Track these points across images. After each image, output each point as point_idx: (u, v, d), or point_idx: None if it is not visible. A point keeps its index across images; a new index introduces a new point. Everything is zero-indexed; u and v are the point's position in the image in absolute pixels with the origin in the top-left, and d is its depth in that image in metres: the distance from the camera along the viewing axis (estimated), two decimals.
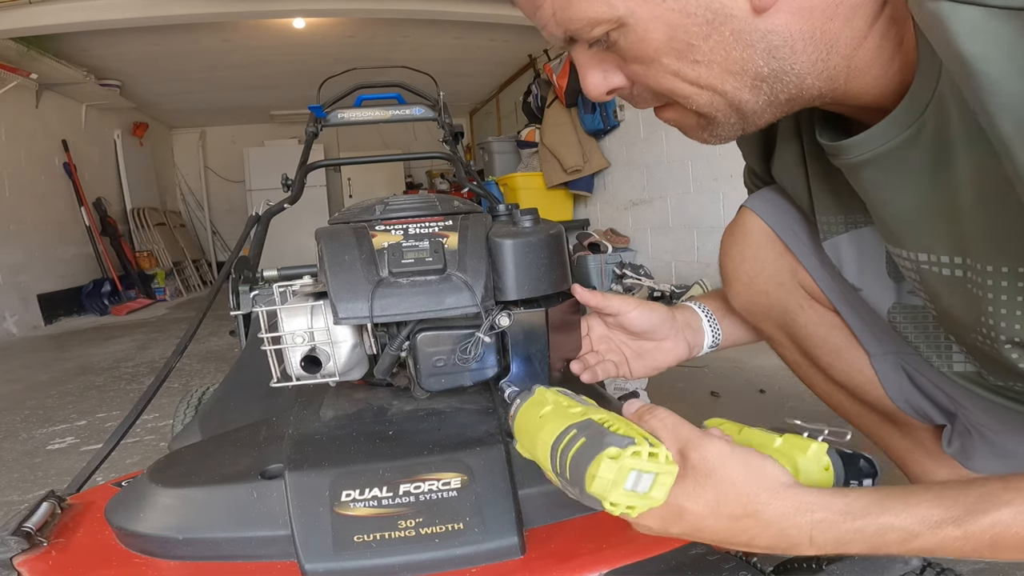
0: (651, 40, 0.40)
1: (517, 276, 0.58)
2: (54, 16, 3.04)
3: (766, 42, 0.40)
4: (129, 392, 1.91)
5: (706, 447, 0.39)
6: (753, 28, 0.39)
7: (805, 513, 0.37)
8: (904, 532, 0.36)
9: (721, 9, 0.39)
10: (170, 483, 0.52)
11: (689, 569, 0.44)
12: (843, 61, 0.41)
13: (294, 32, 3.95)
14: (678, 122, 0.48)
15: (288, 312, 0.59)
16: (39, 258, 3.87)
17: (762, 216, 0.65)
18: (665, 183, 3.21)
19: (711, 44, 0.40)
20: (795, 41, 0.40)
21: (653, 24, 0.40)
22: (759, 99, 0.43)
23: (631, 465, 0.36)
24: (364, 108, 1.59)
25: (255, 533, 0.49)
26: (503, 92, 5.62)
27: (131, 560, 0.51)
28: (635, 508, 0.37)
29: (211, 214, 6.63)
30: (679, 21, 0.39)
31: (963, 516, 0.35)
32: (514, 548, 0.47)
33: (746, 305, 0.69)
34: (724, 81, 0.42)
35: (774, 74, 0.42)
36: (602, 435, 0.37)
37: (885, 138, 0.43)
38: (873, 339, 0.64)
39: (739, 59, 0.41)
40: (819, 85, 0.43)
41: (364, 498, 0.49)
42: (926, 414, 0.64)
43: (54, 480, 1.19)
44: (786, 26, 0.40)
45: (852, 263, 0.57)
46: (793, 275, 0.65)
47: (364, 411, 0.64)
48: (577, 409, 0.41)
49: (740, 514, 0.37)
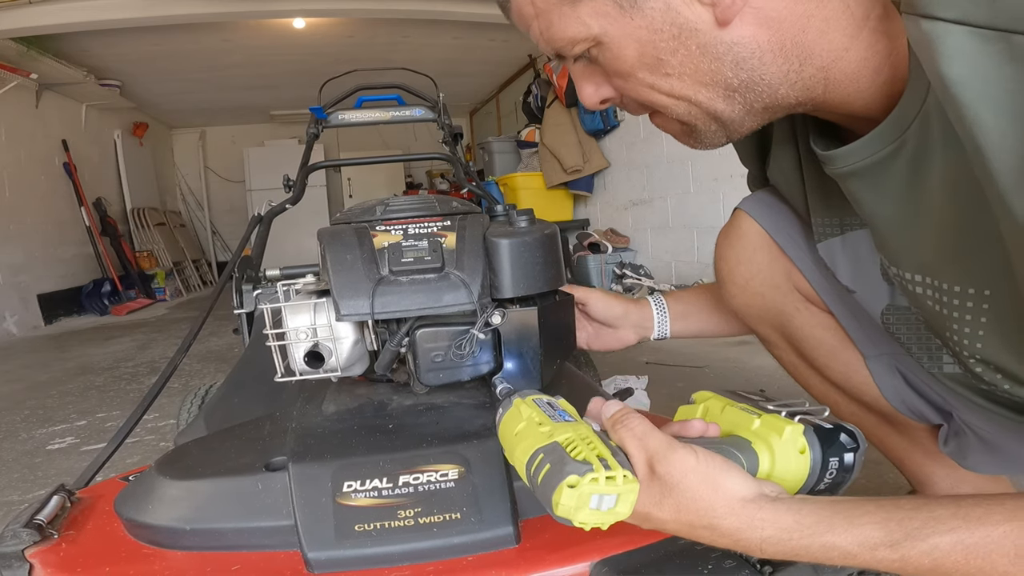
0: (625, 57, 0.43)
1: (512, 274, 0.59)
2: (54, 16, 3.05)
3: (732, 54, 0.41)
4: (129, 392, 1.92)
5: (671, 461, 0.40)
6: (719, 40, 0.41)
7: (756, 530, 0.38)
8: (844, 552, 0.36)
9: (686, 24, 0.40)
10: (177, 475, 0.54)
11: (678, 557, 0.46)
12: (819, 72, 0.42)
13: (294, 32, 3.96)
14: (666, 128, 0.50)
15: (292, 309, 0.61)
16: (39, 258, 3.88)
17: (756, 219, 0.66)
18: (665, 183, 3.22)
19: (679, 58, 0.42)
20: (763, 52, 0.41)
21: (624, 41, 0.42)
22: (734, 108, 0.44)
23: (591, 491, 0.37)
24: (364, 109, 1.60)
25: (260, 523, 0.50)
26: (503, 92, 5.63)
27: (140, 551, 0.52)
28: (604, 523, 0.39)
29: (211, 214, 6.64)
30: (648, 37, 0.41)
31: (901, 540, 0.35)
32: (509, 537, 0.49)
33: (742, 307, 0.70)
34: (697, 92, 0.44)
35: (745, 84, 0.43)
36: (563, 463, 0.38)
37: (869, 151, 0.43)
38: (868, 340, 0.64)
39: (708, 71, 0.42)
40: (794, 95, 0.43)
41: (365, 489, 0.50)
42: (922, 414, 0.64)
43: (54, 480, 1.20)
44: (752, 37, 0.41)
45: (846, 265, 0.58)
46: (788, 278, 0.66)
47: (365, 406, 0.65)
48: (546, 428, 0.42)
49: (699, 524, 0.39)
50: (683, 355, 1.82)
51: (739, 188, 0.69)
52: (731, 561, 0.44)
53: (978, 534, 0.34)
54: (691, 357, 1.79)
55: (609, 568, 0.46)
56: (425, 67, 1.89)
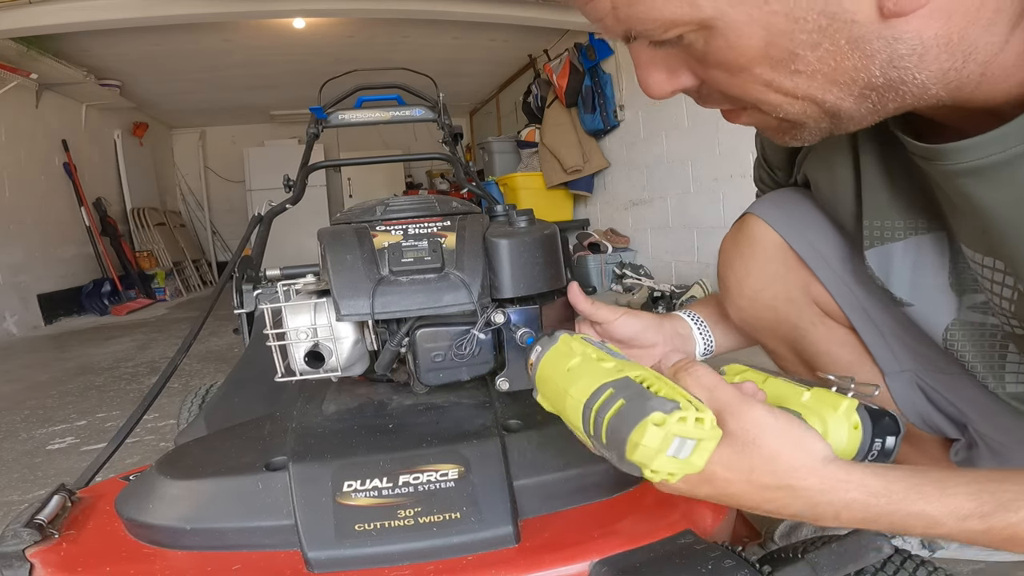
0: (744, 47, 0.34)
1: (512, 274, 0.60)
2: (54, 16, 3.05)
3: (889, 51, 0.34)
4: (129, 392, 1.92)
5: (745, 414, 0.37)
6: (876, 35, 0.33)
7: (840, 492, 0.36)
8: (931, 520, 0.35)
9: (840, 14, 0.33)
10: (178, 475, 0.54)
11: (677, 557, 0.46)
12: (978, 68, 0.36)
13: (294, 32, 3.96)
14: (755, 124, 0.43)
15: (292, 309, 0.61)
16: (39, 258, 3.88)
17: (773, 225, 0.61)
18: (665, 183, 3.22)
19: (819, 53, 0.34)
20: (926, 49, 0.34)
21: (749, 29, 0.34)
22: (862, 107, 0.38)
23: (676, 431, 0.33)
24: (364, 109, 1.60)
25: (260, 523, 0.50)
26: (503, 92, 5.63)
27: (140, 550, 0.52)
28: (675, 475, 0.35)
29: (211, 214, 6.64)
30: (784, 27, 0.33)
31: (992, 512, 0.34)
32: (509, 537, 0.49)
33: (749, 320, 0.66)
34: (826, 92, 0.37)
35: (889, 83, 0.36)
36: (644, 398, 0.34)
37: (996, 148, 0.37)
38: (890, 356, 0.61)
39: (850, 68, 0.35)
40: (945, 94, 0.37)
41: (365, 488, 0.50)
42: (939, 428, 0.62)
43: (54, 480, 1.19)
44: (917, 32, 0.33)
45: (905, 273, 0.53)
46: (805, 290, 0.62)
47: (365, 405, 0.65)
48: (610, 364, 0.38)
49: (774, 485, 0.36)
50: None
51: (739, 188, 0.67)
52: (730, 561, 0.44)
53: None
54: None
55: (609, 567, 0.46)
56: (425, 67, 1.90)
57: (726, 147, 2.69)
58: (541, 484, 0.53)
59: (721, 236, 0.68)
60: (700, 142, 2.86)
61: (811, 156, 0.56)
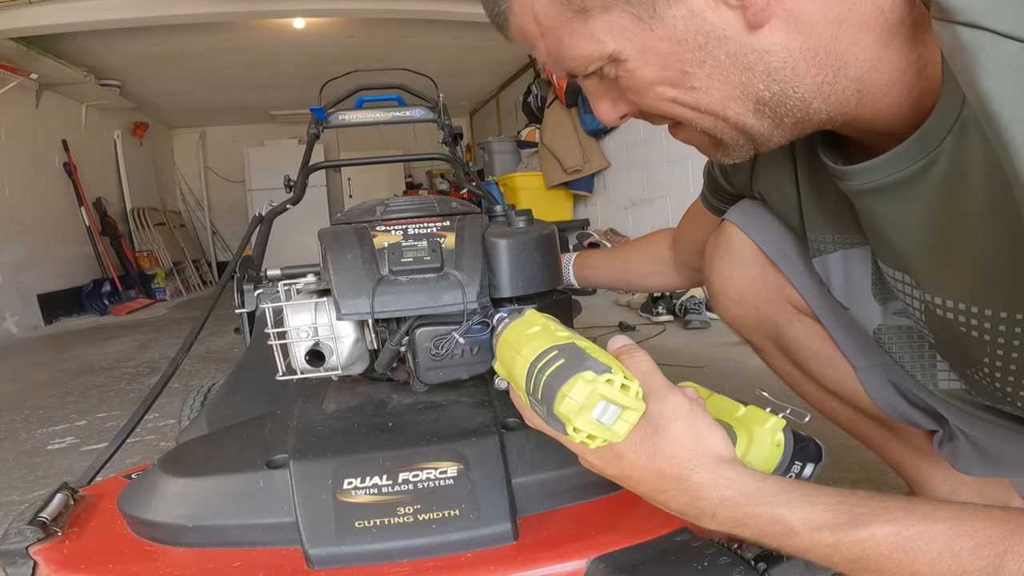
0: (644, 71, 0.39)
1: (511, 274, 0.60)
2: (54, 16, 3.05)
3: (764, 63, 0.37)
4: (129, 392, 1.92)
5: (666, 401, 0.39)
6: (750, 48, 0.37)
7: (720, 488, 0.37)
8: (787, 527, 0.35)
9: (713, 32, 0.37)
10: (180, 473, 0.55)
11: (673, 554, 0.46)
12: (853, 84, 0.38)
13: (294, 32, 3.97)
14: (690, 142, 0.46)
15: (293, 309, 0.61)
16: (39, 258, 3.88)
17: (746, 232, 0.64)
18: (665, 183, 3.23)
19: (707, 70, 0.38)
20: (796, 61, 0.37)
21: (644, 56, 0.38)
22: (763, 123, 0.41)
23: (603, 392, 0.35)
24: (365, 110, 1.61)
25: (261, 520, 0.51)
26: (503, 92, 5.63)
27: (142, 548, 0.53)
28: (595, 439, 0.37)
29: (211, 214, 6.64)
30: (670, 49, 0.38)
31: (843, 524, 0.34)
32: (507, 534, 0.49)
33: (735, 319, 0.69)
34: (726, 107, 0.40)
35: (776, 98, 0.39)
36: (582, 358, 0.36)
37: (897, 167, 0.39)
38: (859, 352, 0.64)
39: (738, 83, 0.39)
40: (826, 109, 0.39)
41: (365, 486, 0.51)
42: (915, 421, 0.64)
43: (54, 480, 1.19)
44: (783, 44, 0.37)
45: (840, 282, 0.57)
46: (780, 291, 0.65)
47: (365, 404, 0.66)
48: (564, 333, 0.41)
49: (668, 474, 0.38)
50: (683, 355, 1.83)
51: None
52: (725, 558, 0.45)
53: (916, 528, 0.33)
54: (691, 357, 1.80)
55: (606, 564, 0.46)
56: (425, 67, 1.90)
57: None
58: (539, 482, 0.53)
59: None
60: None
61: (760, 177, 0.60)
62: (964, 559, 0.32)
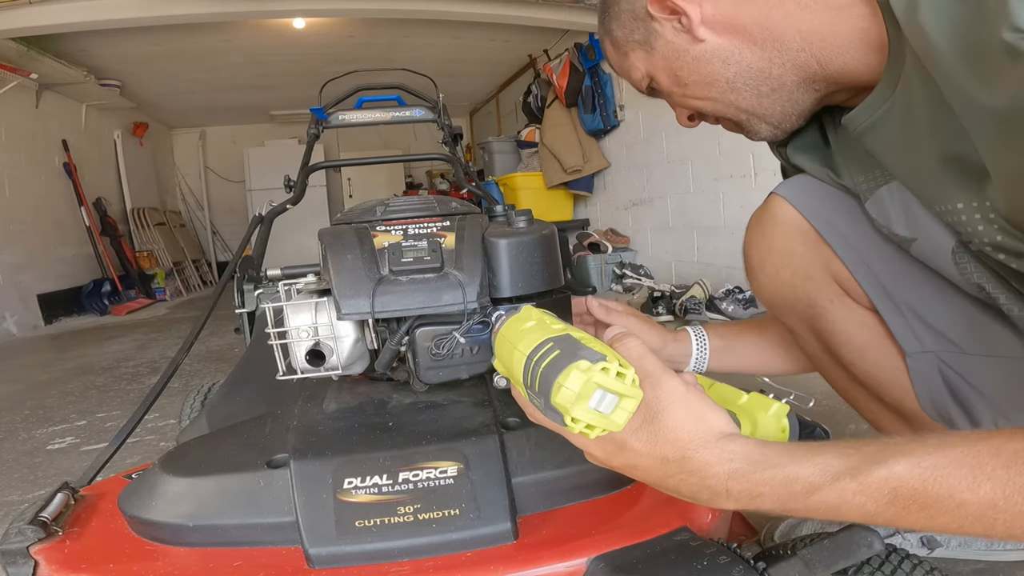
0: (663, 81, 0.59)
1: (511, 274, 0.60)
2: (54, 16, 3.05)
3: (717, 57, 0.54)
4: (129, 392, 1.92)
5: (662, 385, 0.39)
6: (703, 51, 0.54)
7: (725, 463, 0.37)
8: (806, 483, 0.35)
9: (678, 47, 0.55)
10: (180, 472, 0.55)
11: (673, 553, 0.46)
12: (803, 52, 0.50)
13: (294, 32, 3.97)
14: (727, 128, 0.62)
15: (293, 308, 0.61)
16: (39, 258, 3.88)
17: (795, 204, 0.63)
18: (665, 183, 3.22)
19: (687, 71, 0.56)
20: (739, 49, 0.53)
21: (658, 72, 0.58)
22: (747, 96, 0.55)
23: (599, 381, 0.35)
24: (365, 110, 1.61)
25: (262, 520, 0.51)
26: (503, 92, 5.63)
27: (143, 547, 0.53)
28: (594, 428, 0.37)
29: (211, 214, 6.64)
30: (664, 64, 0.57)
31: (860, 466, 0.34)
32: (507, 534, 0.49)
33: (769, 297, 0.68)
34: (709, 91, 0.56)
35: (738, 76, 0.54)
36: (576, 348, 0.37)
37: (872, 111, 0.50)
38: (912, 336, 0.61)
39: (707, 73, 0.55)
40: (792, 75, 0.52)
41: (365, 485, 0.51)
42: (952, 420, 0.62)
43: (54, 480, 1.19)
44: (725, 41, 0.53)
45: (899, 213, 0.56)
46: (826, 268, 0.63)
47: (365, 404, 0.66)
48: (559, 326, 0.42)
49: (671, 457, 0.38)
50: None
51: (739, 188, 0.69)
52: (725, 557, 0.45)
53: (934, 457, 0.33)
54: None
55: (606, 564, 0.46)
56: (425, 67, 1.90)
57: (726, 147, 2.69)
58: (539, 481, 0.53)
59: (721, 236, 0.73)
60: (700, 142, 2.86)
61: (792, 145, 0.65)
62: (1002, 477, 0.31)
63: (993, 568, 0.69)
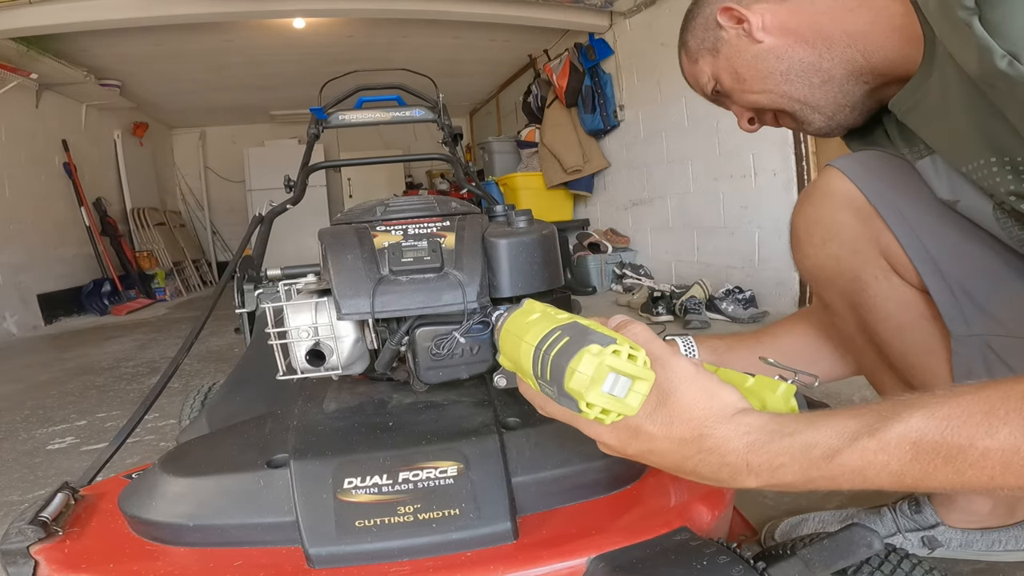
0: (726, 82, 0.67)
1: (511, 274, 0.60)
2: (54, 16, 3.05)
3: (773, 54, 0.61)
4: (130, 392, 1.92)
5: (672, 367, 0.39)
6: (761, 50, 0.62)
7: (742, 436, 0.37)
8: (826, 447, 0.35)
9: (740, 49, 0.64)
10: (181, 472, 0.55)
11: (672, 553, 0.46)
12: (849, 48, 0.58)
13: (294, 32, 3.97)
14: (786, 125, 0.68)
15: (293, 308, 0.61)
16: (39, 258, 3.88)
17: (851, 176, 0.63)
18: (665, 183, 3.23)
19: (746, 69, 0.64)
20: (792, 47, 0.61)
21: (723, 73, 0.67)
22: (800, 87, 0.61)
23: (611, 364, 0.35)
24: (365, 110, 1.61)
25: (262, 519, 0.51)
26: (503, 92, 5.63)
27: (143, 547, 0.53)
28: (609, 413, 0.36)
29: (211, 214, 6.64)
30: (727, 65, 0.65)
31: (875, 423, 0.34)
32: (507, 533, 0.49)
33: (812, 268, 0.67)
34: (765, 83, 0.63)
35: (791, 69, 0.61)
36: (586, 334, 0.37)
37: (913, 95, 0.55)
38: (959, 317, 0.60)
39: (764, 69, 0.62)
40: (840, 68, 0.59)
41: (365, 485, 0.51)
42: None
43: (54, 480, 1.19)
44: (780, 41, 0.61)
45: (943, 179, 0.57)
46: (874, 242, 0.63)
47: (365, 403, 0.66)
48: (564, 315, 0.42)
49: (688, 437, 0.38)
50: None
51: (739, 188, 0.70)
52: (725, 557, 0.45)
53: (946, 407, 0.33)
54: None
55: (606, 563, 0.46)
56: (425, 67, 1.90)
57: (726, 147, 2.69)
58: (539, 481, 0.53)
59: (721, 236, 0.75)
60: (700, 142, 2.86)
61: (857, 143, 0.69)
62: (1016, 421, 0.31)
63: (993, 568, 0.69)
